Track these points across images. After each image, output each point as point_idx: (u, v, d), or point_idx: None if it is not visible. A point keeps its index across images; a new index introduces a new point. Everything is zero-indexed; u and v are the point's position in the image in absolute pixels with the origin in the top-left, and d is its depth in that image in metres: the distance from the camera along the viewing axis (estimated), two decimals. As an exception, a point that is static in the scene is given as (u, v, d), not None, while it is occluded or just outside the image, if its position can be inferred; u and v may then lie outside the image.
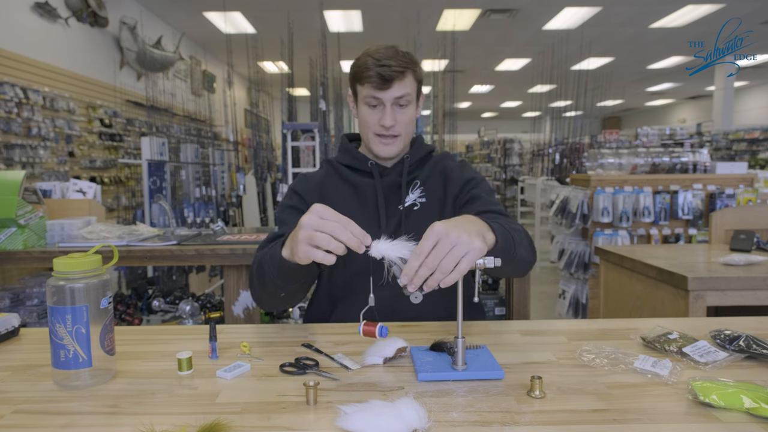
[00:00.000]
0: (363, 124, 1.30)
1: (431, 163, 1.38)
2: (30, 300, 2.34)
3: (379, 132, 1.27)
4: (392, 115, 1.25)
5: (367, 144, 1.34)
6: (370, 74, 1.21)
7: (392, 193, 1.32)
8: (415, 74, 1.26)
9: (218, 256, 2.26)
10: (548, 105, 8.15)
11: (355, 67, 1.26)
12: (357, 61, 1.26)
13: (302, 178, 1.41)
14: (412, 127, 1.32)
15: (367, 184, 1.33)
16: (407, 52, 1.26)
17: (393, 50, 1.24)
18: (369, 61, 1.22)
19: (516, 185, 9.52)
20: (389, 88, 1.22)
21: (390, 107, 1.24)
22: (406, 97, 1.24)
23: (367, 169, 1.33)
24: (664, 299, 1.92)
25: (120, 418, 0.75)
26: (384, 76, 1.20)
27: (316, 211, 0.90)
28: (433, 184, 1.34)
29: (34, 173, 4.97)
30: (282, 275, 1.04)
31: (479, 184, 1.32)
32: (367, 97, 1.25)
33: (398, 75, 1.21)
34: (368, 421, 0.68)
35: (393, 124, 1.25)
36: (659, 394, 0.80)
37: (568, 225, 3.76)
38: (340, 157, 1.38)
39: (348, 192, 1.34)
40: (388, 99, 1.23)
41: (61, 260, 0.84)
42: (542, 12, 7.94)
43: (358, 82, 1.26)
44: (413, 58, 1.27)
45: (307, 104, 6.12)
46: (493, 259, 0.86)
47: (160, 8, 7.75)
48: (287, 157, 4.77)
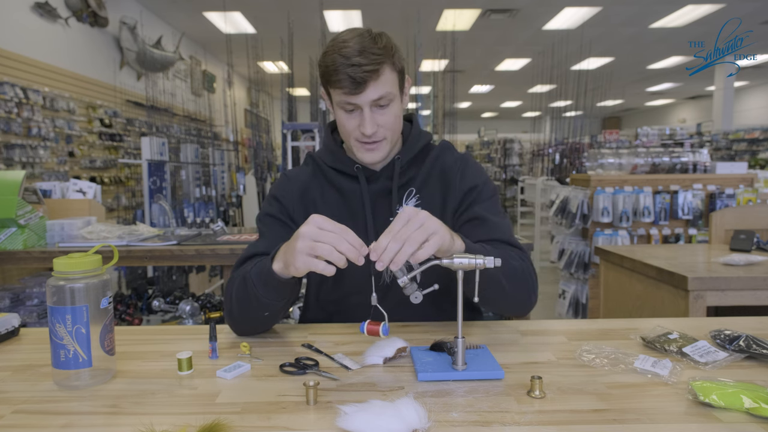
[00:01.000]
0: (342, 129, 1.15)
1: (429, 161, 1.22)
2: (30, 300, 2.35)
3: (360, 138, 1.12)
4: (372, 120, 1.08)
5: (349, 148, 1.20)
6: (340, 78, 1.04)
7: (383, 198, 1.19)
8: (393, 65, 1.08)
9: (218, 256, 2.26)
10: (548, 105, 8.15)
11: (323, 67, 1.08)
12: (324, 57, 1.08)
13: (283, 179, 1.26)
14: (398, 125, 1.16)
15: (355, 190, 1.19)
16: (381, 35, 1.08)
17: (366, 39, 1.05)
18: (337, 60, 1.04)
19: (516, 185, 9.52)
20: (363, 92, 1.05)
21: (368, 111, 1.08)
22: (387, 97, 1.07)
23: (354, 173, 1.19)
24: (664, 299, 1.92)
25: (120, 418, 0.75)
26: (356, 79, 1.03)
27: (315, 221, 0.88)
28: (430, 190, 1.21)
29: (34, 173, 4.97)
30: (269, 291, 0.98)
31: (482, 192, 1.19)
32: (341, 102, 1.09)
33: (372, 75, 1.04)
34: (368, 421, 0.68)
35: (374, 131, 1.09)
36: (659, 394, 0.80)
37: (568, 225, 3.76)
38: (325, 156, 1.23)
39: (334, 198, 1.21)
40: (365, 103, 1.07)
41: (61, 260, 0.84)
42: (542, 12, 7.94)
43: (329, 84, 1.09)
44: (389, 44, 1.08)
45: (307, 104, 6.12)
46: (493, 259, 0.86)
47: (160, 8, 7.75)
48: (287, 157, 4.77)
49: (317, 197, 1.21)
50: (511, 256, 1.06)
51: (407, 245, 0.84)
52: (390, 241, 0.85)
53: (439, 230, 0.87)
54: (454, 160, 1.24)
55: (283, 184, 1.25)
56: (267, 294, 0.99)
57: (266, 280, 0.98)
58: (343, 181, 1.20)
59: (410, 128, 1.25)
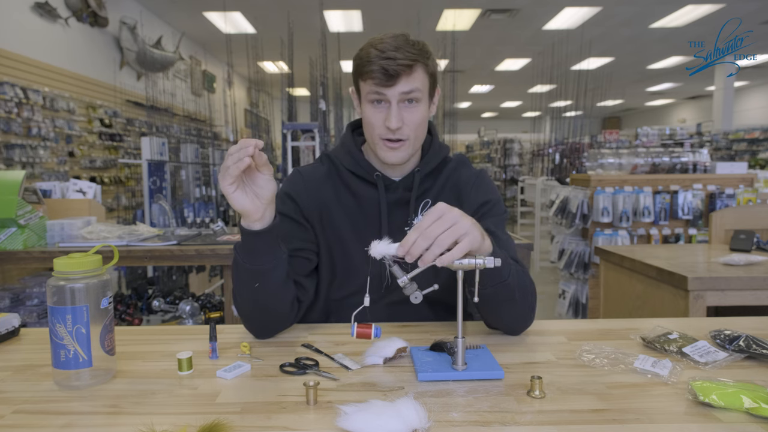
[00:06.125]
0: (367, 124, 1.14)
1: (445, 173, 1.23)
2: (30, 300, 2.35)
3: (384, 135, 1.11)
4: (399, 114, 1.08)
5: (372, 147, 1.18)
6: (373, 68, 1.05)
7: (399, 209, 1.19)
8: (426, 67, 1.09)
9: (218, 256, 2.26)
10: (548, 105, 8.16)
11: (357, 60, 1.10)
12: (360, 52, 1.10)
13: (296, 176, 1.25)
14: (423, 129, 1.15)
15: (372, 197, 1.18)
16: (419, 41, 1.10)
17: (402, 39, 1.07)
18: (372, 53, 1.06)
19: (516, 185, 9.53)
20: (394, 84, 1.06)
21: (396, 105, 1.08)
22: (415, 93, 1.07)
23: (372, 180, 1.18)
24: (664, 299, 1.92)
25: (120, 418, 0.75)
26: (388, 71, 1.04)
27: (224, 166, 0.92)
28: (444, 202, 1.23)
29: (34, 173, 4.97)
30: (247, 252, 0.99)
31: (493, 209, 1.20)
32: (370, 93, 1.09)
33: (405, 69, 1.05)
34: (368, 421, 0.68)
35: (400, 126, 1.08)
36: (659, 394, 0.80)
37: (568, 225, 3.76)
38: (344, 158, 1.21)
39: (350, 201, 1.20)
40: (394, 96, 1.07)
41: (61, 260, 0.84)
42: (542, 12, 7.94)
43: (360, 77, 1.10)
44: (425, 48, 1.10)
45: (307, 104, 6.13)
46: (493, 259, 0.86)
47: (160, 8, 7.75)
48: (287, 157, 4.78)
49: (331, 198, 1.20)
50: (525, 274, 1.06)
51: (436, 246, 0.83)
52: (418, 237, 0.84)
53: (471, 231, 0.86)
54: (469, 174, 1.25)
55: (296, 180, 1.23)
56: (250, 259, 1.00)
57: (243, 244, 0.99)
58: (360, 185, 1.19)
59: (430, 140, 1.25)
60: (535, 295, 1.09)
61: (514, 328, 1.08)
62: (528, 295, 1.05)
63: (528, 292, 1.05)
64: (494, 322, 1.09)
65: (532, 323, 1.10)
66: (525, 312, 1.06)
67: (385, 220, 1.17)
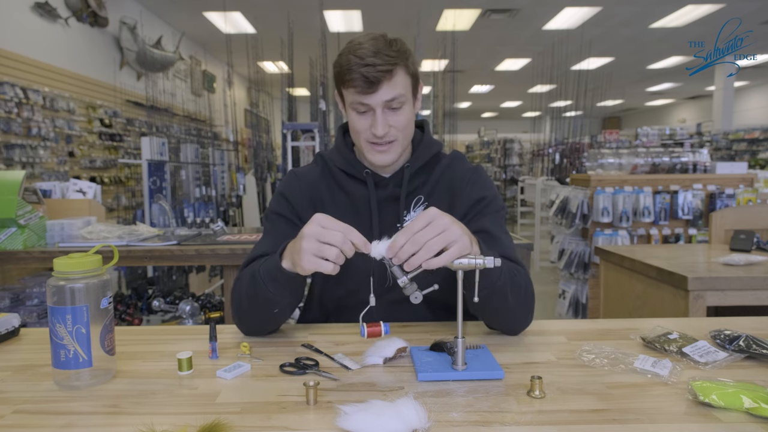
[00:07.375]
0: (353, 131, 1.15)
1: (438, 169, 1.22)
2: (30, 300, 2.35)
3: (371, 139, 1.12)
4: (384, 121, 1.08)
5: (360, 151, 1.19)
6: (354, 77, 1.05)
7: (390, 205, 1.19)
8: (407, 68, 1.09)
9: (218, 256, 2.26)
10: (548, 105, 8.16)
11: (338, 67, 1.10)
12: (339, 59, 1.09)
13: (292, 176, 1.26)
14: (410, 129, 1.16)
15: (363, 194, 1.19)
16: (396, 40, 1.09)
17: (381, 42, 1.06)
18: (351, 60, 1.05)
19: (516, 185, 9.53)
20: (376, 92, 1.06)
21: (381, 112, 1.08)
22: (399, 99, 1.08)
23: (363, 177, 1.19)
24: (664, 299, 1.92)
25: (120, 418, 0.75)
26: (369, 78, 1.04)
27: (318, 221, 0.89)
28: (438, 198, 1.20)
29: (34, 173, 4.97)
30: (278, 287, 0.99)
31: (489, 205, 1.19)
32: (354, 103, 1.09)
33: (385, 75, 1.05)
34: (368, 421, 0.68)
35: (386, 132, 1.09)
36: (659, 394, 0.80)
37: (568, 225, 3.76)
38: (335, 158, 1.23)
39: (342, 200, 1.21)
40: (377, 104, 1.07)
41: (61, 260, 0.84)
42: (542, 12, 7.94)
43: (342, 84, 1.10)
44: (404, 48, 1.09)
45: (307, 104, 6.13)
46: (493, 259, 0.86)
47: (160, 8, 7.75)
48: (287, 157, 4.78)
49: (325, 197, 1.21)
50: (520, 274, 1.06)
51: (424, 251, 0.84)
52: (407, 242, 0.84)
53: (460, 238, 0.86)
54: (465, 170, 1.24)
55: (291, 181, 1.24)
56: (276, 290, 1.00)
57: (275, 276, 0.98)
58: (351, 184, 1.20)
59: (421, 136, 1.25)
60: (533, 296, 1.08)
61: (511, 328, 1.08)
62: (524, 296, 1.05)
63: (523, 295, 1.05)
64: (491, 322, 1.10)
65: (530, 323, 1.10)
66: (521, 313, 1.06)
67: (376, 217, 1.17)
